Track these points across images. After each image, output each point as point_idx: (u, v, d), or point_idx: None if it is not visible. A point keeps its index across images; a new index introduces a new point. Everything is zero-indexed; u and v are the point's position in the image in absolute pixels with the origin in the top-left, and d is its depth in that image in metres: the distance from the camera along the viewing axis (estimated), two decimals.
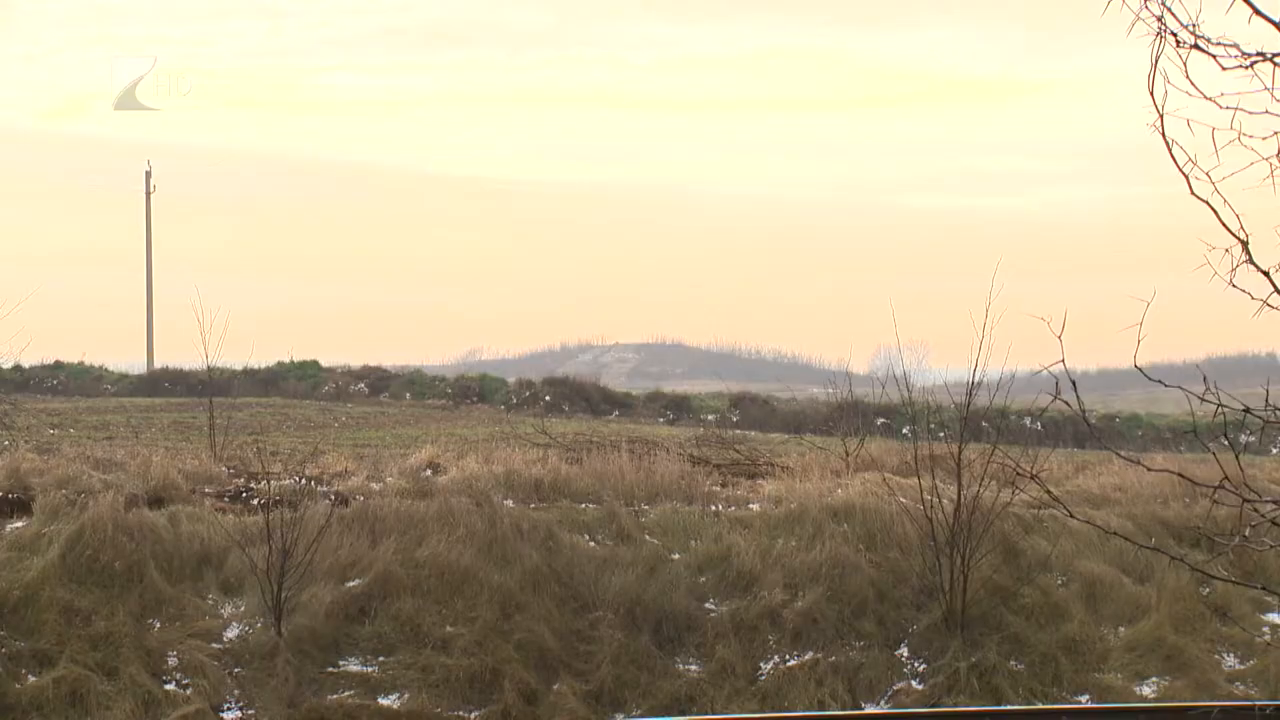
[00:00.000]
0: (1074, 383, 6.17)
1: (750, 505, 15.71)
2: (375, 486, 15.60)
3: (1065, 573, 14.49)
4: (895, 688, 13.13)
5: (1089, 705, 13.00)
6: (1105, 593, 14.23)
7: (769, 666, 13.14)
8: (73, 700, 11.30)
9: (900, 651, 13.55)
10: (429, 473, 16.42)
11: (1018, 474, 14.65)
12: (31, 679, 11.39)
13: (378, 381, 52.56)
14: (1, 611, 11.91)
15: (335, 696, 11.96)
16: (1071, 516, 14.28)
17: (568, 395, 49.49)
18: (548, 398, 48.75)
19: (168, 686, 11.67)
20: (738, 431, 32.81)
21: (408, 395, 51.31)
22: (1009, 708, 12.58)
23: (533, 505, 14.87)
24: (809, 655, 13.20)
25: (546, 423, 29.22)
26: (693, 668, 12.99)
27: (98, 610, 12.09)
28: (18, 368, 43.06)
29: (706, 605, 13.64)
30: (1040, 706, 12.77)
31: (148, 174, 64.84)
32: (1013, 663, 13.37)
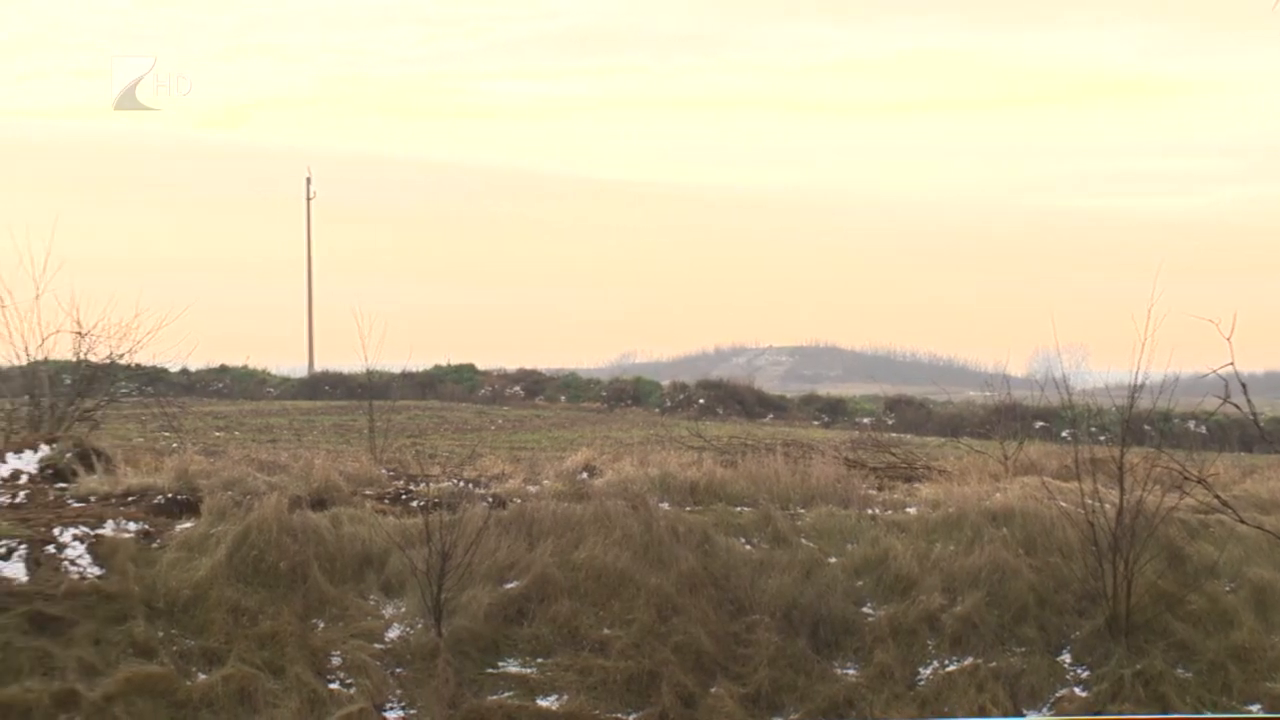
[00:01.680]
0: (1244, 385, 6.05)
1: (907, 509, 15.57)
2: (532, 489, 15.72)
3: (1234, 579, 14.17)
4: (1058, 694, 12.94)
5: (1261, 715, 12.69)
6: (1276, 600, 13.88)
7: (928, 671, 13.02)
8: (241, 698, 11.53)
9: (1062, 658, 13.34)
10: (585, 475, 16.50)
11: (1184, 478, 14.40)
12: (202, 677, 11.64)
13: (533, 384, 52.93)
14: (172, 610, 12.19)
15: (495, 697, 12.07)
16: (1241, 521, 13.96)
17: (722, 398, 49.40)
18: (702, 400, 48.73)
19: (332, 686, 11.87)
20: (893, 434, 32.56)
21: (563, 398, 51.59)
22: (1179, 716, 12.33)
23: (688, 508, 14.88)
24: (969, 660, 13.05)
25: (701, 425, 29.22)
26: (850, 672, 12.91)
27: (264, 610, 12.32)
28: (185, 371, 44.07)
29: (864, 609, 13.55)
30: (1212, 716, 12.50)
31: (308, 181, 65.98)
32: (1180, 670, 13.10)
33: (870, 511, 15.26)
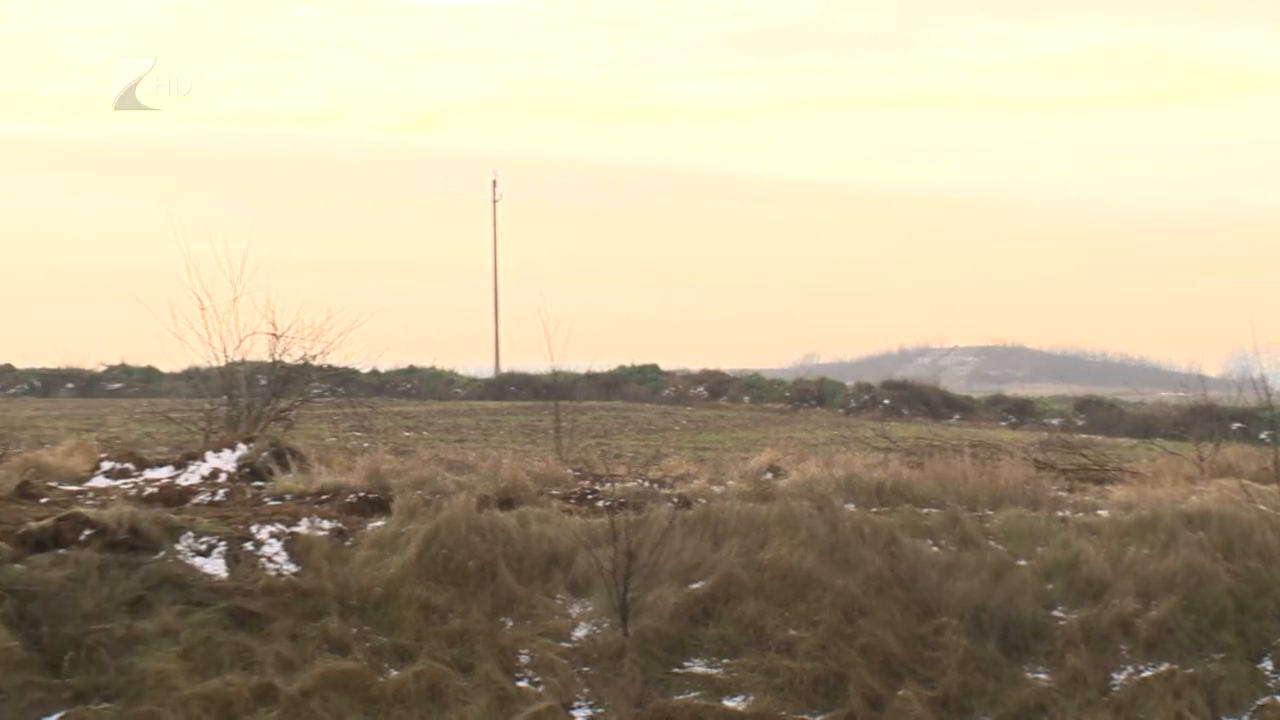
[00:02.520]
0: None
1: (1098, 511, 15.28)
2: (717, 489, 15.73)
3: None
4: (1259, 702, 12.58)
5: None
6: None
7: (1122, 677, 12.75)
8: (432, 695, 11.69)
9: (1263, 665, 12.97)
10: (770, 476, 16.47)
11: None
12: (394, 673, 11.83)
13: (717, 385, 52.96)
14: (365, 607, 12.41)
15: (681, 697, 12.09)
16: None
17: (907, 399, 48.97)
18: (887, 401, 48.34)
19: (520, 684, 11.98)
20: (1083, 436, 31.99)
21: (746, 399, 51.53)
22: None
23: (874, 509, 14.77)
24: (1164, 666, 12.75)
25: (886, 426, 28.98)
26: (1041, 676, 12.69)
27: (453, 608, 12.48)
28: (375, 372, 44.90)
29: (1054, 613, 13.32)
30: None
31: (494, 183, 66.81)
32: None
33: (1060, 514, 15.00)
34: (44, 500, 14.01)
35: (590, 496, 15.29)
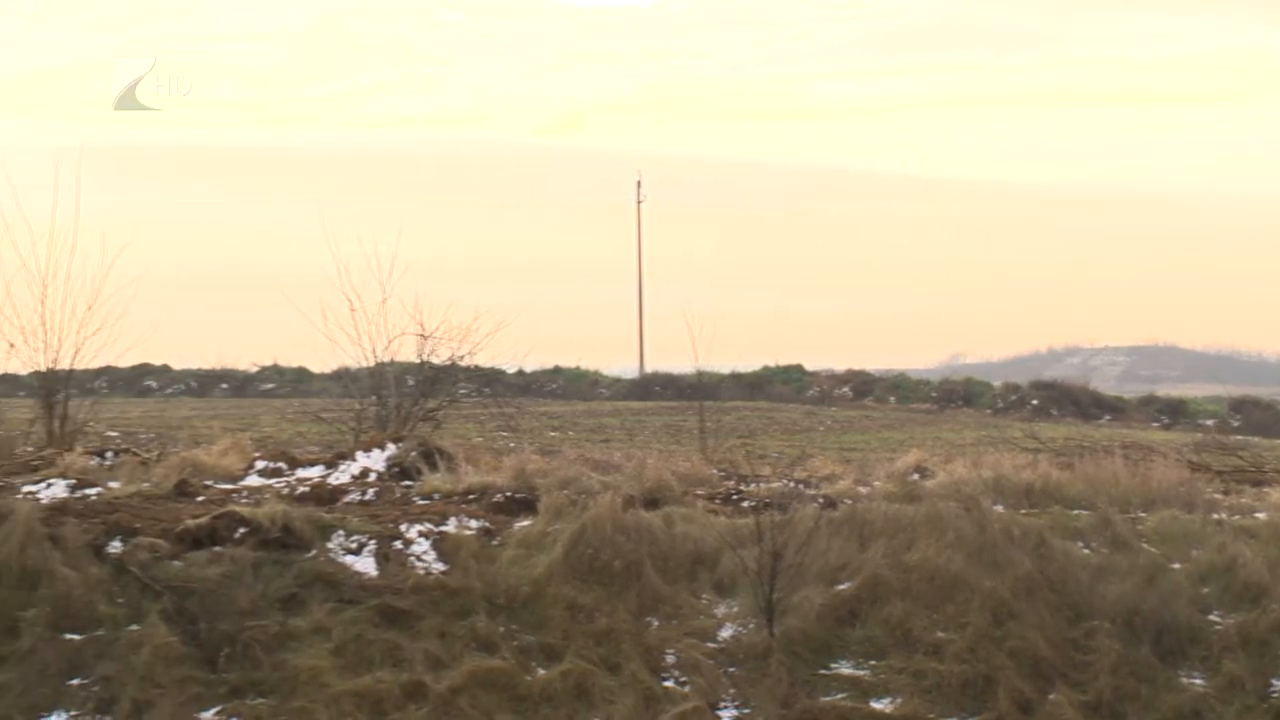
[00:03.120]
0: None
1: (1256, 514, 14.95)
2: (862, 490, 15.63)
3: None
4: None
5: None
6: None
7: None
8: (579, 694, 11.75)
9: None
10: (916, 476, 16.34)
11: None
12: (541, 672, 11.91)
13: (861, 385, 52.65)
14: (512, 606, 12.50)
15: (828, 699, 12.03)
16: None
17: (1056, 399, 48.31)
18: (1035, 402, 47.72)
19: (666, 683, 11.99)
20: (1239, 437, 31.34)
21: (891, 399, 51.17)
22: None
23: (1023, 511, 14.58)
24: None
25: (1034, 427, 28.59)
26: (1197, 682, 12.43)
27: (600, 607, 12.53)
28: (520, 372, 45.29)
29: (1210, 617, 13.04)
30: None
31: (638, 184, 67.00)
32: None
33: (1216, 516, 14.69)
34: (200, 499, 14.31)
35: (735, 497, 15.27)
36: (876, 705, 12.00)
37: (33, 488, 14.44)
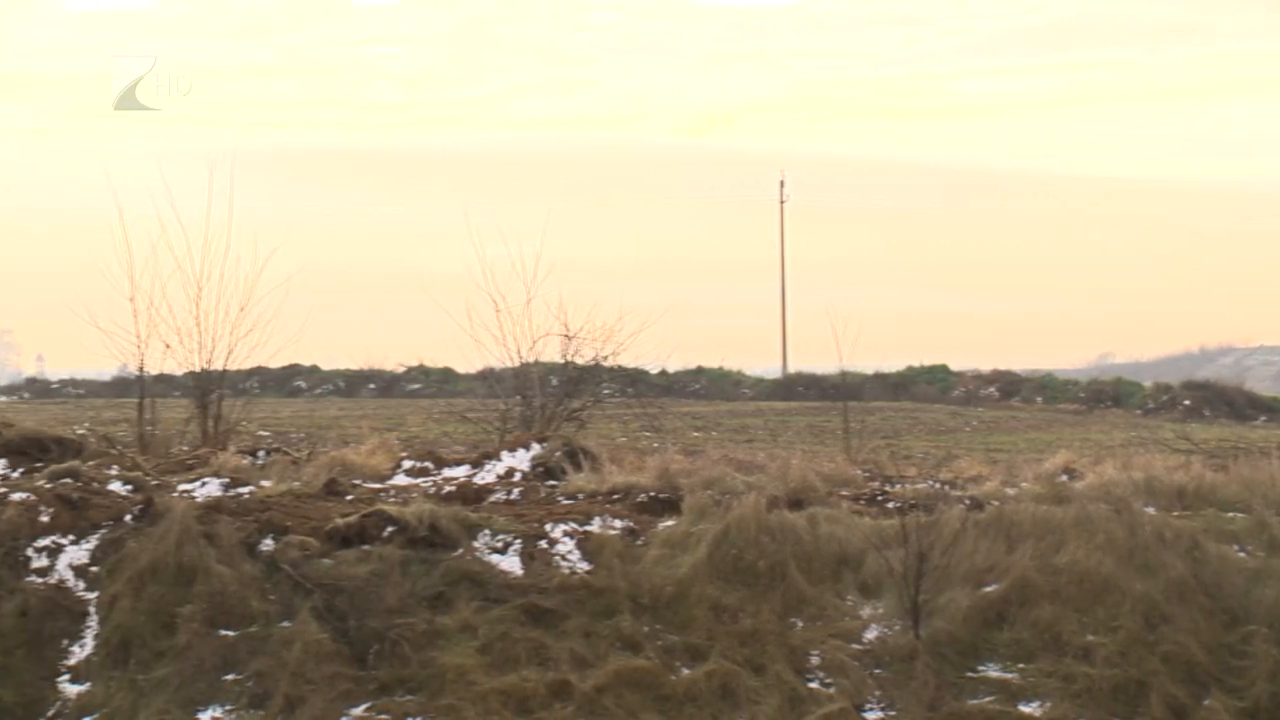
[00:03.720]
0: None
1: None
2: (1009, 491, 15.44)
3: None
4: None
5: None
6: None
7: None
8: (723, 694, 11.74)
9: None
10: (1064, 478, 16.09)
11: None
12: (685, 671, 11.92)
13: (1008, 385, 52.04)
14: (656, 606, 12.53)
15: (975, 701, 11.90)
16: None
17: (1208, 400, 47.34)
18: (1187, 402, 46.83)
19: (811, 685, 11.95)
20: None
21: (1038, 399, 50.51)
22: None
23: (1175, 513, 14.31)
24: None
25: (1186, 428, 28.07)
26: None
27: (744, 608, 12.52)
28: (663, 373, 45.33)
29: None
30: None
31: (781, 184, 66.86)
32: None
33: None
34: (349, 497, 14.52)
35: (880, 498, 15.16)
36: (1025, 709, 11.85)
37: (188, 486, 14.76)
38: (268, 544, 12.83)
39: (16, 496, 13.71)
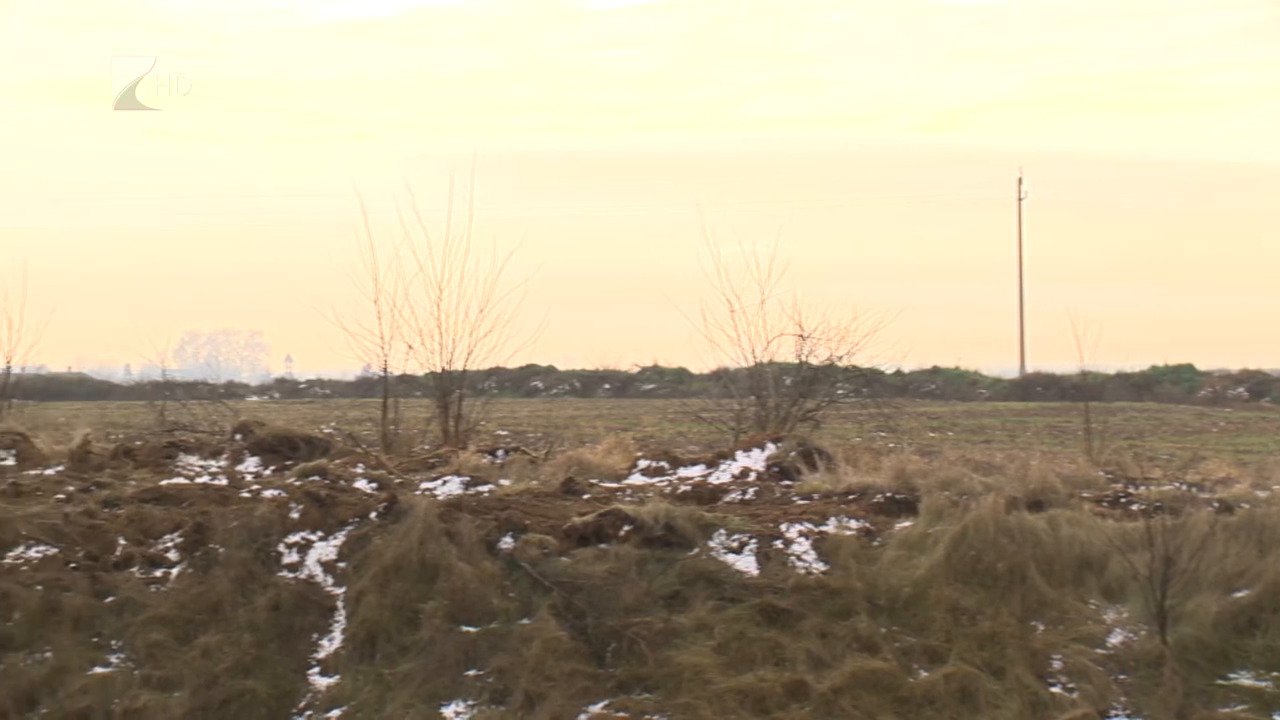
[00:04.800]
0: None
1: None
2: (1261, 494, 14.95)
3: None
4: None
5: None
6: None
7: None
8: (962, 697, 11.59)
9: None
10: None
11: None
12: (923, 674, 11.79)
13: (1258, 385, 50.47)
14: (893, 607, 12.42)
15: (1226, 710, 11.54)
16: None
17: None
18: None
19: (1053, 689, 11.72)
20: None
21: None
22: None
23: None
24: None
25: None
26: None
27: (982, 610, 12.33)
28: (898, 373, 44.91)
29: None
30: None
31: (1019, 181, 65.80)
32: None
33: None
34: (586, 496, 14.69)
35: (1123, 500, 14.80)
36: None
37: (430, 484, 15.09)
38: (507, 542, 13.05)
39: (268, 494, 14.18)
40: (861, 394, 23.92)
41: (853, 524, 13.40)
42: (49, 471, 16.38)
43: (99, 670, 12.14)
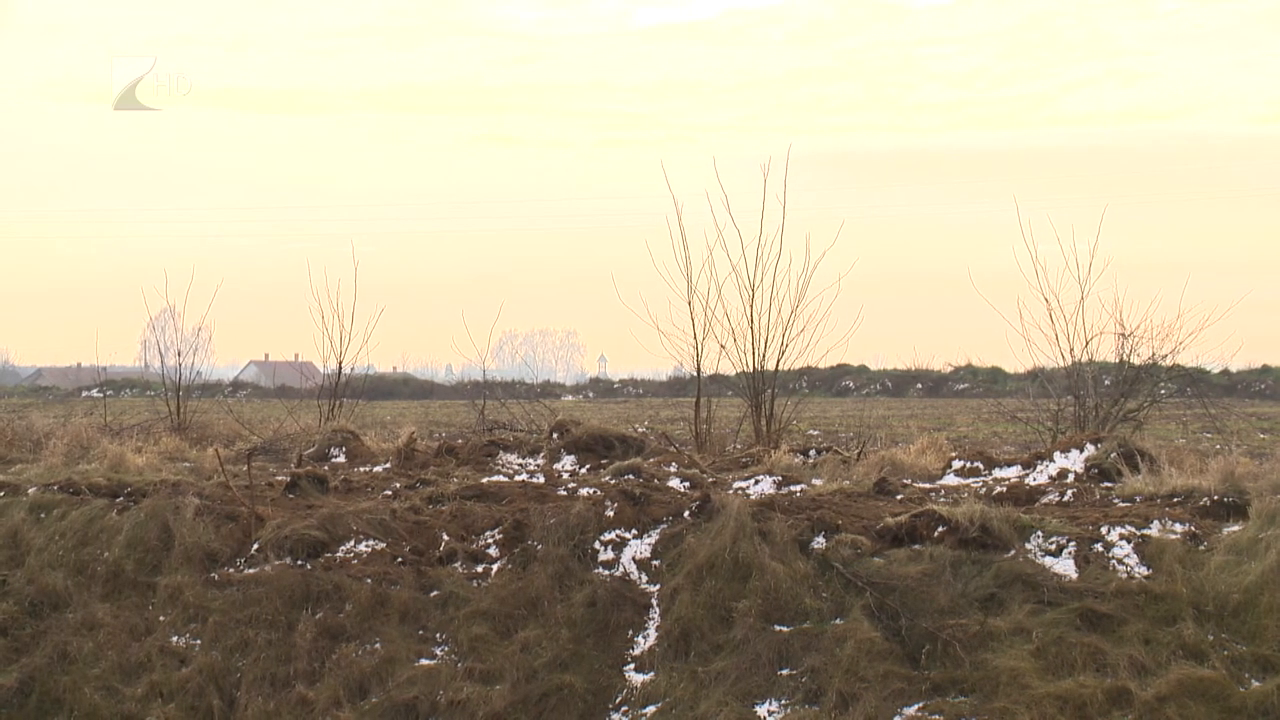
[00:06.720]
0: None
1: None
2: None
3: None
4: None
5: None
6: None
7: None
8: None
9: None
10: None
11: None
12: (1255, 684, 11.33)
13: None
14: (1221, 614, 11.97)
15: None
16: None
17: None
18: None
19: None
20: None
21: None
22: None
23: None
24: None
25: None
26: None
27: None
28: (1225, 372, 43.37)
29: None
30: None
31: None
32: None
33: None
34: (899, 497, 14.56)
35: None
36: None
37: (742, 484, 15.17)
38: (819, 542, 13.02)
39: (584, 492, 14.46)
40: (1185, 394, 23.16)
41: (1177, 527, 12.97)
42: (377, 469, 17.05)
43: (425, 662, 12.55)
